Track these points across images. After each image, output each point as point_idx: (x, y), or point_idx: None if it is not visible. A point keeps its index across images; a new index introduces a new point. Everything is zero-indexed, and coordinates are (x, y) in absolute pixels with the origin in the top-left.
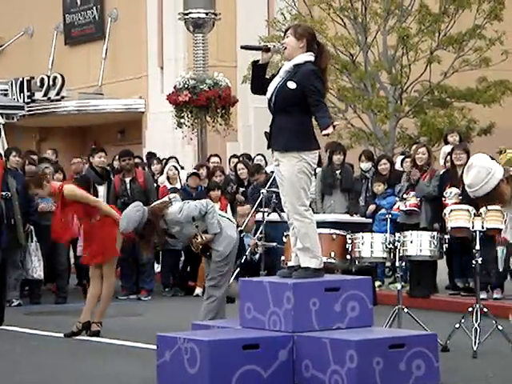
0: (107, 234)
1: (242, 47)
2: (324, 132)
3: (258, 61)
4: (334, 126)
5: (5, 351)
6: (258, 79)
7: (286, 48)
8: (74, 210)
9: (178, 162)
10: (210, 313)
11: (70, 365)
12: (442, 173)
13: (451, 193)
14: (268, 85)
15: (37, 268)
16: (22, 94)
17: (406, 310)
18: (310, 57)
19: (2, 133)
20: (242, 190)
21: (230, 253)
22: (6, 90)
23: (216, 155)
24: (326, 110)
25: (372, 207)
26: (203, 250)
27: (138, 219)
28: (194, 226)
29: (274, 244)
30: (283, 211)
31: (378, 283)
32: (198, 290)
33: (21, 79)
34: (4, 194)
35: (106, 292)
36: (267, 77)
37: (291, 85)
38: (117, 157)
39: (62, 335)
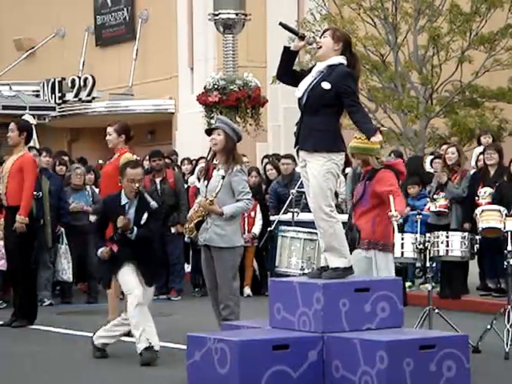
0: None
1: (280, 24)
2: (373, 139)
3: (289, 47)
4: (380, 132)
5: (36, 351)
6: (286, 65)
7: (320, 47)
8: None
9: None
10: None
11: (99, 364)
12: (473, 173)
13: (485, 193)
14: (295, 76)
15: (66, 270)
16: (53, 95)
17: (436, 310)
18: (344, 60)
19: (34, 133)
20: None
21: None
22: (38, 91)
23: (242, 155)
24: (365, 113)
25: (407, 209)
26: (198, 224)
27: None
28: (219, 186)
29: None
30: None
31: (408, 284)
32: (248, 291)
33: (52, 80)
34: (36, 193)
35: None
36: (294, 68)
37: (326, 85)
38: (147, 157)
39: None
